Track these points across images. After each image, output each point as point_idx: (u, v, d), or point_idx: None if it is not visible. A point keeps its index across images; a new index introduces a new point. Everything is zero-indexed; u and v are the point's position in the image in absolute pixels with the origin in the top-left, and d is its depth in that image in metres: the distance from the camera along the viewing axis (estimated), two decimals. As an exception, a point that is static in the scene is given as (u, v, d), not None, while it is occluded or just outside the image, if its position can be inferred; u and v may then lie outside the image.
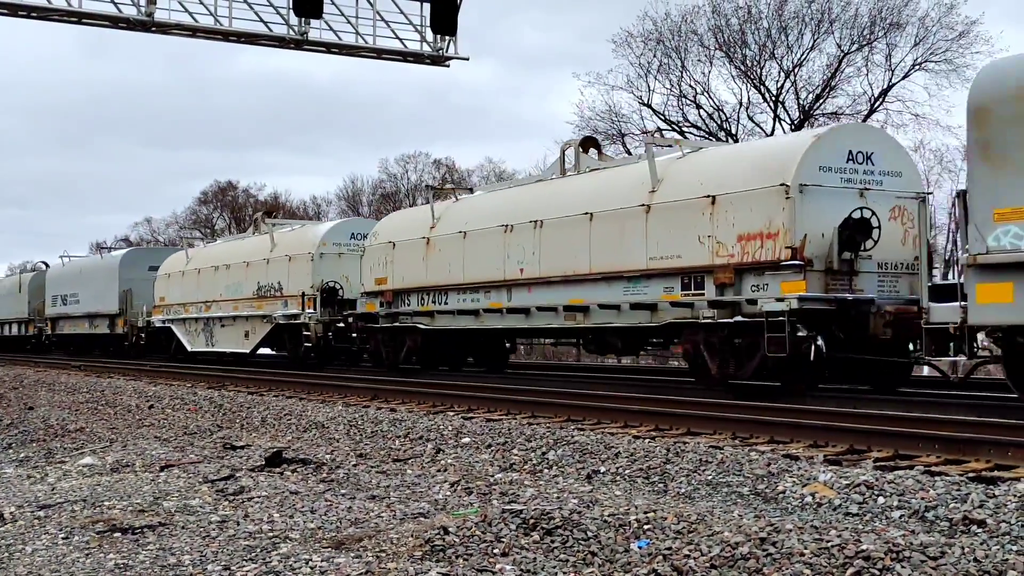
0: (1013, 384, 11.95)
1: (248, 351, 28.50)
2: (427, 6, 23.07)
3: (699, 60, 39.61)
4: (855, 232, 13.71)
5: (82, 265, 42.52)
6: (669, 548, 5.85)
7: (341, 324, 24.46)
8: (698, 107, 40.16)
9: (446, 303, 20.70)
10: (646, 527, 6.27)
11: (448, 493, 7.98)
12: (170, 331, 33.24)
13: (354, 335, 23.97)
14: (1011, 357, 11.72)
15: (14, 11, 20.82)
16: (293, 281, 26.01)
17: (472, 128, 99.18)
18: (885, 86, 37.65)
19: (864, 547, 5.47)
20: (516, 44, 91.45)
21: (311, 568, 5.70)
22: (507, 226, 18.87)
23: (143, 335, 35.34)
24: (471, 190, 23.56)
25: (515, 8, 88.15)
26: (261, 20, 22.47)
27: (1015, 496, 6.76)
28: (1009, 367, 11.84)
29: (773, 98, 38.97)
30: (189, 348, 31.85)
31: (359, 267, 24.17)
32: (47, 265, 51.78)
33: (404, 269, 22.07)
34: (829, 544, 5.58)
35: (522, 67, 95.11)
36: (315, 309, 24.95)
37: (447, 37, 23.35)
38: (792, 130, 37.16)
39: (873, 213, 13.90)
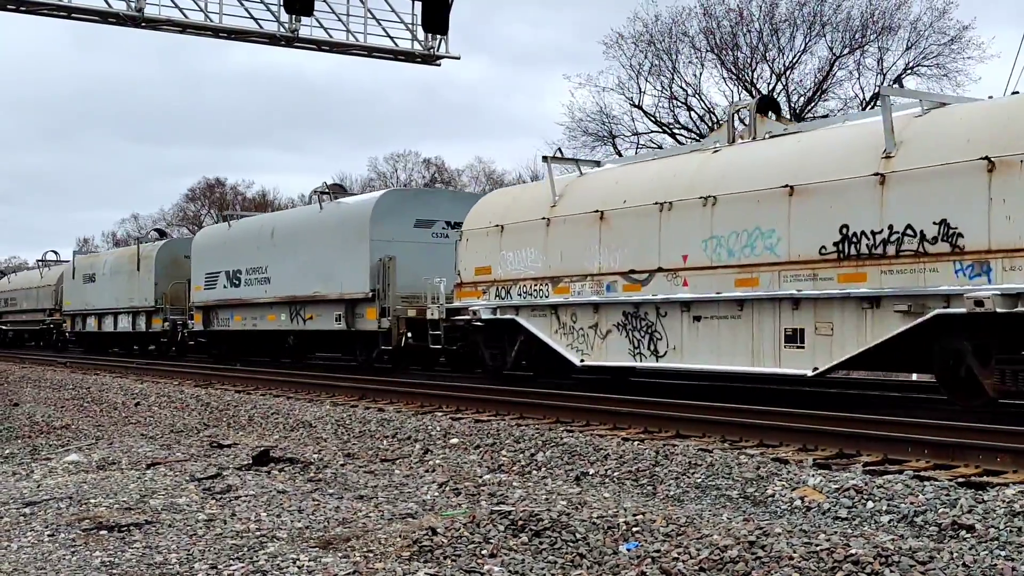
0: None
1: (809, 372, 12.89)
2: (418, 4, 23.04)
3: (690, 62, 39.70)
4: None
5: (277, 223, 26.79)
6: (658, 551, 5.84)
7: None
8: (689, 109, 40.25)
9: None
10: (635, 529, 6.26)
11: (436, 494, 7.96)
12: (513, 327, 17.92)
13: None
14: None
15: (3, 5, 20.71)
16: None
17: (464, 126, 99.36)
18: (876, 90, 37.75)
19: (853, 551, 5.47)
20: (511, 41, 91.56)
21: (298, 568, 5.67)
22: None
23: (422, 334, 20.59)
24: None
25: (510, 4, 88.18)
26: (251, 17, 22.43)
27: (1004, 501, 6.77)
28: None
29: (764, 101, 38.97)
30: (578, 360, 16.46)
31: None
32: (163, 235, 40.18)
33: None
34: (818, 548, 5.58)
35: (516, 65, 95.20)
36: None
37: (438, 36, 23.34)
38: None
39: None
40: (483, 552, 5.99)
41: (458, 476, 8.79)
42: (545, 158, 17.35)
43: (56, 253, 51.08)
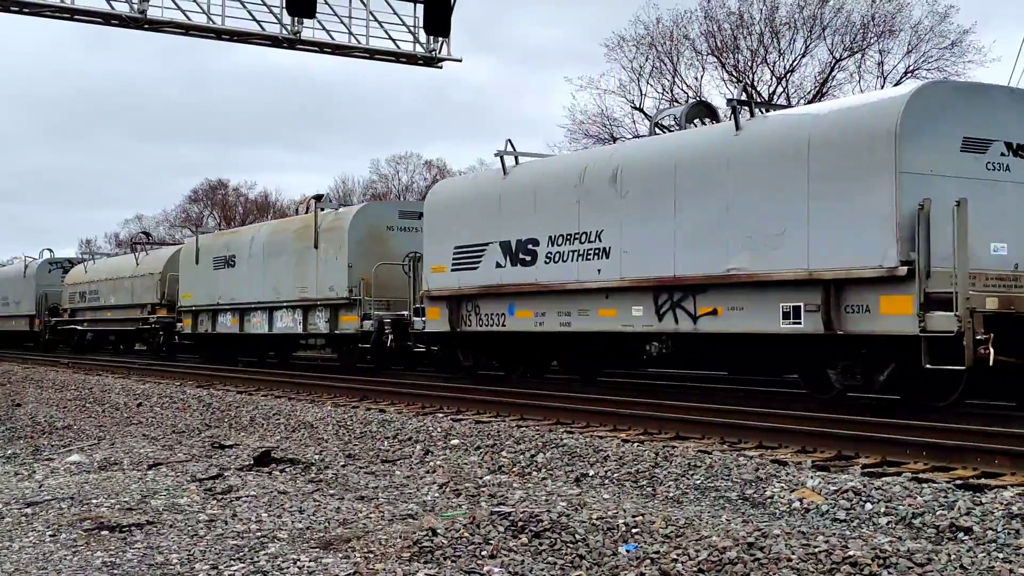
0: None
1: None
2: (420, 7, 23.09)
3: (691, 65, 39.75)
4: None
5: (625, 161, 15.81)
6: (657, 552, 5.87)
7: None
8: (690, 111, 40.21)
9: None
10: (634, 531, 6.29)
11: (437, 495, 7.98)
12: None
13: None
14: None
15: (6, 6, 20.76)
16: None
17: (471, 127, 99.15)
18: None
19: (851, 553, 5.50)
20: (520, 42, 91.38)
21: (299, 568, 5.69)
22: None
23: None
24: None
25: (519, 4, 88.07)
26: (254, 19, 22.48)
27: (1002, 504, 6.80)
28: None
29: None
30: None
31: None
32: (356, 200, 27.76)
33: None
34: (816, 550, 5.61)
35: (525, 65, 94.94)
36: None
37: (440, 38, 23.38)
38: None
39: None
40: (483, 553, 6.01)
41: (458, 477, 8.81)
42: None
43: (148, 235, 42.09)
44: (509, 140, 17.94)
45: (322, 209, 23.93)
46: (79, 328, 39.26)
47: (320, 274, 23.10)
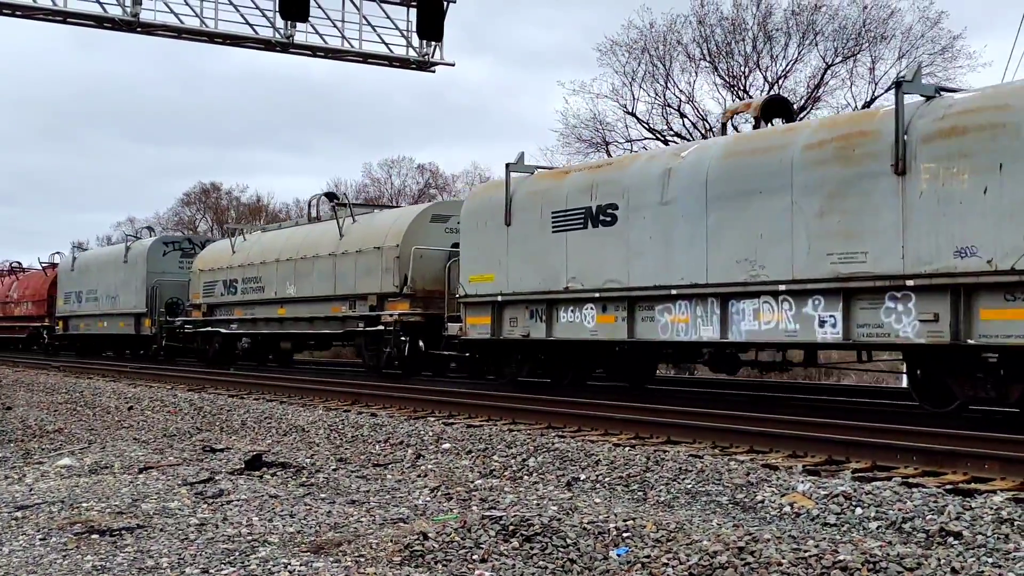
0: None
1: None
2: (413, 11, 23.12)
3: (684, 70, 39.82)
4: None
5: None
6: (648, 556, 5.88)
7: None
8: (683, 116, 40.35)
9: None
10: (625, 535, 6.30)
11: (428, 499, 7.99)
12: None
13: None
14: None
15: (-1, 9, 20.72)
16: None
17: (466, 130, 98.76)
18: (869, 98, 37.94)
19: (841, 557, 5.52)
20: (516, 43, 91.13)
21: (290, 572, 5.69)
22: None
23: None
24: None
25: (519, 6, 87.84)
26: (247, 22, 22.45)
27: (991, 509, 6.82)
28: None
29: (757, 108, 39.11)
30: None
31: None
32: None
33: None
34: (807, 554, 5.62)
35: (521, 67, 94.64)
36: None
37: (433, 43, 23.41)
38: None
39: None
40: (474, 557, 6.02)
41: (450, 481, 8.82)
42: None
43: (334, 196, 25.61)
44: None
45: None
46: (223, 332, 27.54)
47: (948, 226, 10.96)
